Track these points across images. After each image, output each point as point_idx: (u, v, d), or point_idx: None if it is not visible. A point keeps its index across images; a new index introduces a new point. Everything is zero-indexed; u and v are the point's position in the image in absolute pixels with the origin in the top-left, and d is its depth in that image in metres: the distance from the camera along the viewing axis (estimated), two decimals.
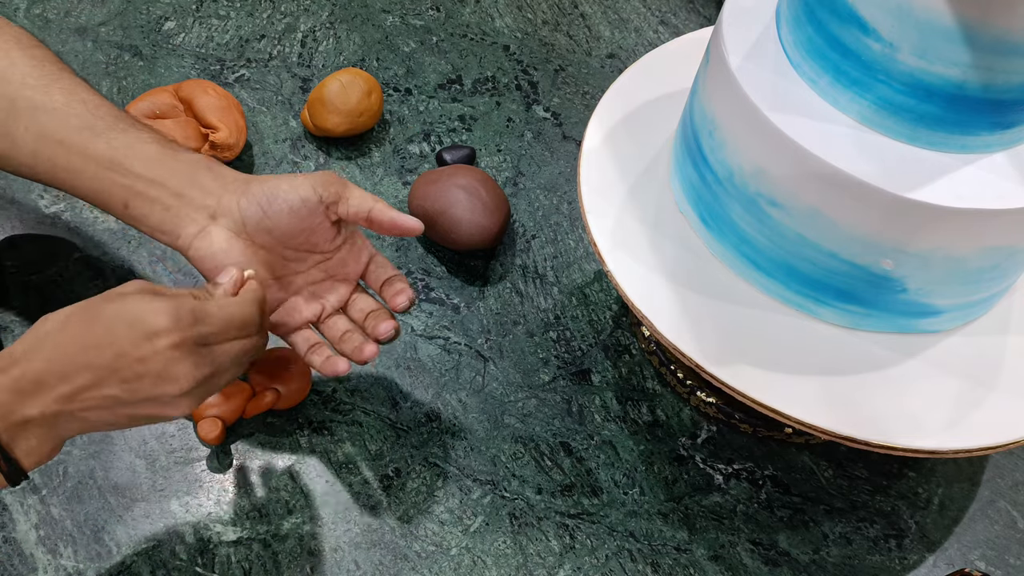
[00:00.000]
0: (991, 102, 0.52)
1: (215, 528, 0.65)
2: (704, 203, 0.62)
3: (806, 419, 0.56)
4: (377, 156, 0.89)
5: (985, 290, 0.60)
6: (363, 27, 1.01)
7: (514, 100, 0.95)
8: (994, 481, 0.73)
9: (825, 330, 0.61)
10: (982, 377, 0.60)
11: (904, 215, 0.52)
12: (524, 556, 0.66)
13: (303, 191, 0.61)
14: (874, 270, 0.56)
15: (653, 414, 0.74)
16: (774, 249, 0.59)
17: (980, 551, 0.69)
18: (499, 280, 0.81)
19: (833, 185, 0.53)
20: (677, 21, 1.06)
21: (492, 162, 0.90)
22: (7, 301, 0.75)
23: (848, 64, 0.53)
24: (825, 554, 0.68)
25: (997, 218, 0.52)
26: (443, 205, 0.78)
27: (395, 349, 0.76)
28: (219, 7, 1.01)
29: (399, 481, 0.69)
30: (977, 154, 0.54)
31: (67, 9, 0.98)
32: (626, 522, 0.68)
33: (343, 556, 0.65)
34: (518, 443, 0.72)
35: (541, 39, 1.02)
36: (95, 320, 0.51)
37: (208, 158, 0.63)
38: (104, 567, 0.63)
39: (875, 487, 0.72)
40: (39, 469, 0.66)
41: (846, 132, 0.54)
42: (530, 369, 0.76)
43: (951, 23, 0.49)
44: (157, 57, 0.95)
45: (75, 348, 0.51)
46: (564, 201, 0.87)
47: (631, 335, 0.79)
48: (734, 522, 0.69)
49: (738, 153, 0.58)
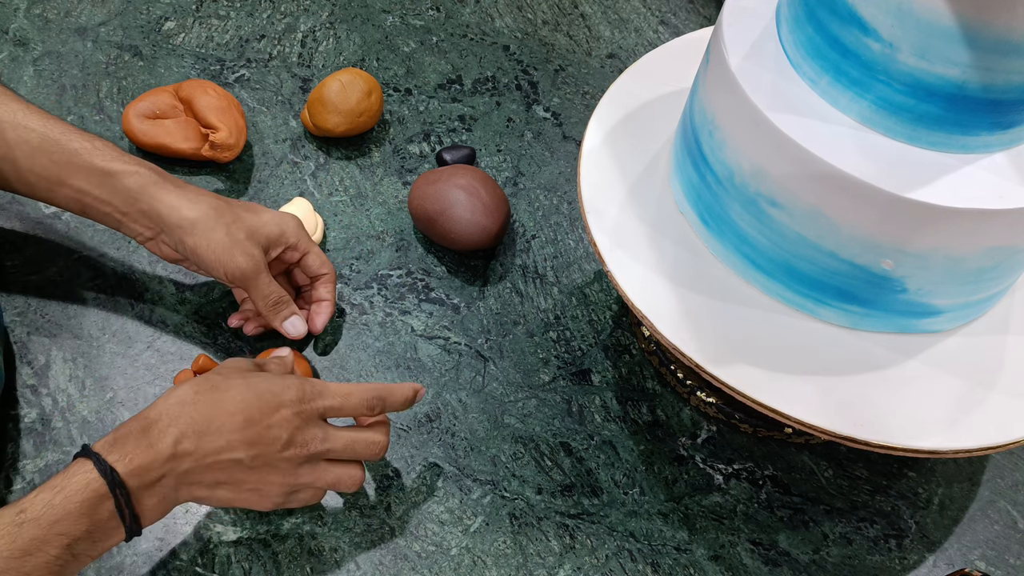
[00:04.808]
0: (991, 102, 0.51)
1: (215, 528, 0.65)
2: (704, 203, 0.62)
3: (806, 419, 0.56)
4: (377, 156, 0.89)
5: (985, 290, 0.60)
6: (363, 27, 1.01)
7: (514, 100, 0.95)
8: (994, 481, 0.73)
9: (825, 330, 0.61)
10: (982, 377, 0.60)
11: (904, 215, 0.52)
12: (524, 556, 0.66)
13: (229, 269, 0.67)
14: (874, 270, 0.56)
15: (653, 414, 0.74)
16: (774, 249, 0.59)
17: (980, 551, 0.69)
18: (499, 280, 0.81)
19: (833, 185, 0.53)
20: (677, 21, 1.06)
21: (492, 162, 0.90)
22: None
23: (848, 64, 0.53)
24: (825, 554, 0.68)
25: (997, 218, 0.52)
26: (443, 205, 0.78)
27: (395, 349, 0.76)
28: (219, 7, 1.01)
29: (399, 481, 0.69)
30: (977, 154, 0.54)
31: (67, 9, 0.98)
32: (626, 522, 0.68)
33: (343, 556, 0.65)
34: (518, 443, 0.72)
35: (541, 39, 1.02)
36: (227, 390, 0.56)
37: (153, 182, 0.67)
38: (104, 567, 0.63)
39: (875, 487, 0.72)
40: (40, 471, 0.67)
41: (846, 132, 0.54)
42: (530, 369, 0.76)
43: (951, 23, 0.49)
44: (157, 57, 0.95)
45: (210, 415, 0.55)
46: (564, 201, 0.87)
47: (631, 335, 0.79)
48: (734, 522, 0.69)
49: (738, 153, 0.58)
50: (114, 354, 0.73)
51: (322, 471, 0.59)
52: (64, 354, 0.73)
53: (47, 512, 0.50)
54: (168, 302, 0.77)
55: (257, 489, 0.57)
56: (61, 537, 0.50)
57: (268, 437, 0.56)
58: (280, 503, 0.59)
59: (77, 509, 0.51)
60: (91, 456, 0.52)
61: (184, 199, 0.67)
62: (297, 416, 0.57)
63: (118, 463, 0.52)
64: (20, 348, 0.73)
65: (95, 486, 0.51)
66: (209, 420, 0.55)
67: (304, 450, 0.57)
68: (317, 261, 0.73)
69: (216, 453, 0.55)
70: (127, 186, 0.66)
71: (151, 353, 0.74)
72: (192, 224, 0.66)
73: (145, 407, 0.56)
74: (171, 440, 0.53)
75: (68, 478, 0.52)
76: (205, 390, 0.56)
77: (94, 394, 0.71)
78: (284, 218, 0.71)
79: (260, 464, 0.56)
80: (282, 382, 0.58)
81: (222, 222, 0.67)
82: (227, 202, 0.69)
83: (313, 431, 0.58)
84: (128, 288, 0.77)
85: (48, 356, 0.73)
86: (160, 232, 0.68)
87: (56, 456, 0.67)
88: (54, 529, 0.50)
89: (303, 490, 0.59)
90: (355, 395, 0.60)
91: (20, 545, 0.49)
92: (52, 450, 0.68)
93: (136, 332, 0.75)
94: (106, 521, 0.52)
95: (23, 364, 0.72)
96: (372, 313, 0.78)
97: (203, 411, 0.55)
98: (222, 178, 0.86)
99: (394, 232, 0.83)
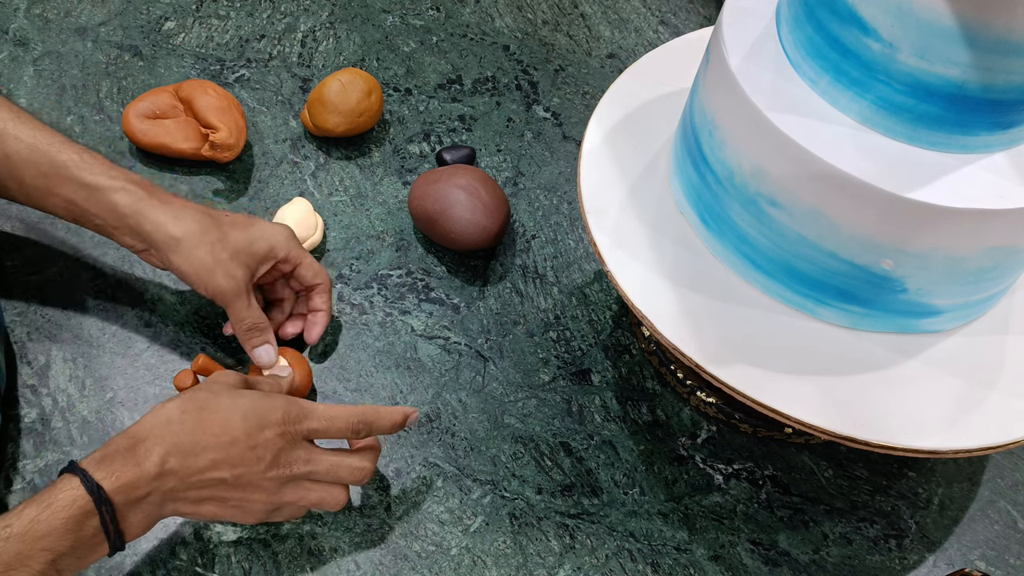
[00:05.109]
0: (991, 102, 0.51)
1: (215, 528, 0.65)
2: (704, 203, 0.62)
3: (806, 419, 0.56)
4: (377, 156, 0.89)
5: (985, 290, 0.60)
6: (363, 27, 1.01)
7: (514, 100, 0.95)
8: (994, 481, 0.73)
9: (825, 330, 0.61)
10: (982, 377, 0.60)
11: (904, 215, 0.52)
12: (524, 556, 0.66)
13: (209, 289, 0.67)
14: (874, 270, 0.56)
15: (653, 414, 0.74)
16: (774, 249, 0.59)
17: (980, 551, 0.69)
18: (499, 280, 0.81)
19: (833, 185, 0.53)
20: (677, 21, 1.06)
21: (492, 162, 0.90)
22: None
23: (848, 64, 0.53)
24: (825, 554, 0.68)
25: (997, 218, 0.52)
26: (443, 205, 0.78)
27: (395, 349, 0.76)
28: (219, 7, 1.01)
29: (399, 481, 0.69)
30: (977, 154, 0.54)
31: (67, 9, 0.98)
32: (626, 522, 0.68)
33: (343, 556, 0.65)
34: (518, 443, 0.72)
35: (541, 39, 1.02)
36: (214, 410, 0.56)
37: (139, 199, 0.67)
38: (104, 567, 0.63)
39: (875, 487, 0.72)
40: (39, 472, 0.67)
41: (846, 132, 0.54)
42: (530, 369, 0.76)
43: (951, 23, 0.49)
44: (157, 57, 0.95)
45: (196, 434, 0.55)
46: (564, 201, 0.87)
47: (631, 335, 0.79)
48: (734, 522, 0.69)
49: (738, 153, 0.58)
50: (114, 354, 0.73)
51: (305, 491, 0.59)
52: (64, 354, 0.73)
53: (32, 528, 0.51)
54: (168, 302, 0.77)
55: (240, 506, 0.57)
56: (45, 553, 0.51)
57: (252, 457, 0.56)
58: (264, 519, 0.59)
59: (63, 525, 0.51)
60: (78, 473, 0.53)
61: (169, 216, 0.66)
62: (281, 437, 0.57)
63: (105, 480, 0.52)
64: (20, 348, 0.73)
65: (81, 503, 0.52)
66: (195, 440, 0.55)
67: (287, 471, 0.57)
68: (310, 272, 0.72)
69: (200, 472, 0.55)
70: (114, 202, 0.66)
71: (151, 353, 0.74)
72: (176, 242, 0.66)
73: (144, 410, 0.56)
74: (157, 459, 0.54)
75: (55, 494, 0.52)
76: (192, 409, 0.56)
77: (94, 394, 0.71)
78: (274, 231, 0.70)
79: (244, 483, 0.56)
80: (269, 403, 0.58)
81: (207, 240, 0.66)
82: (215, 218, 0.68)
83: (297, 453, 0.58)
84: (128, 288, 0.77)
85: (48, 356, 0.73)
86: (149, 247, 0.68)
87: (56, 456, 0.67)
88: (38, 545, 0.51)
89: (286, 507, 0.59)
90: (341, 418, 0.60)
91: (4, 560, 0.50)
92: (52, 450, 0.68)
93: (136, 332, 0.75)
94: (91, 537, 0.53)
95: (23, 364, 0.72)
96: (372, 313, 0.78)
97: (189, 430, 0.55)
98: (222, 178, 0.86)
99: (394, 232, 0.83)
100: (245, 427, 0.56)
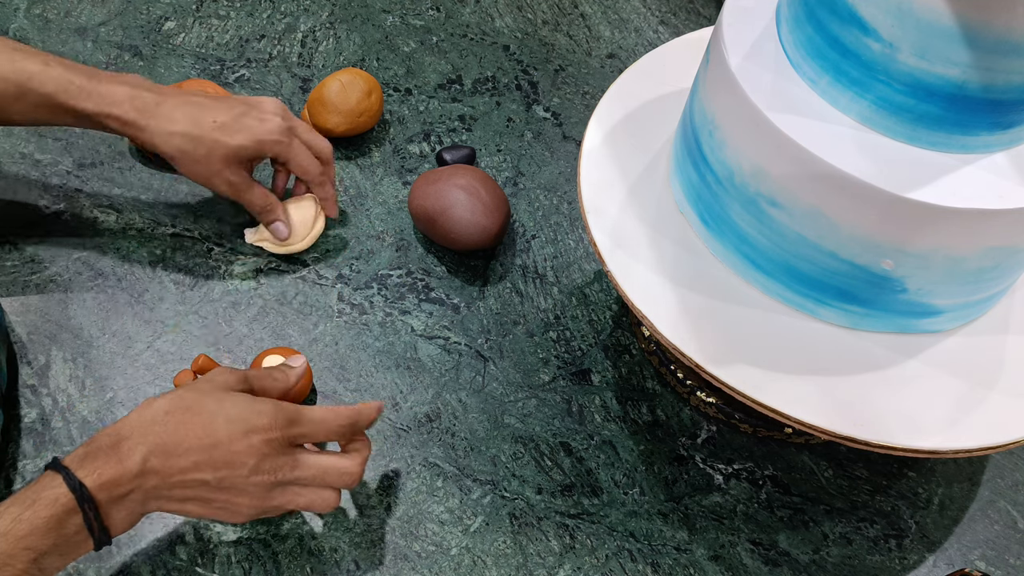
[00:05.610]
0: (991, 102, 0.51)
1: (215, 528, 0.65)
2: (704, 203, 0.62)
3: (806, 419, 0.56)
4: (377, 156, 0.89)
5: (985, 290, 0.60)
6: (363, 27, 1.01)
7: (514, 100, 0.95)
8: (994, 481, 0.73)
9: (825, 330, 0.61)
10: (982, 377, 0.60)
11: (904, 215, 0.52)
12: (524, 556, 0.66)
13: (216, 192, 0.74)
14: (874, 270, 0.56)
15: (653, 414, 0.74)
16: (774, 249, 0.59)
17: (980, 551, 0.69)
18: (499, 280, 0.81)
19: (833, 185, 0.53)
20: (677, 21, 1.06)
21: (492, 162, 0.90)
22: None
23: (848, 64, 0.53)
24: (825, 554, 0.68)
25: (997, 218, 0.52)
26: (443, 205, 0.78)
27: (395, 349, 0.76)
28: (219, 7, 1.01)
29: (399, 481, 0.69)
30: (977, 154, 0.54)
31: (67, 9, 0.98)
32: (626, 522, 0.68)
33: (343, 556, 0.65)
34: (518, 443, 0.72)
35: (541, 39, 1.02)
36: (198, 413, 0.56)
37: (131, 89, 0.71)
38: (104, 567, 0.63)
39: (875, 487, 0.72)
40: (39, 472, 0.67)
41: (846, 132, 0.54)
42: (530, 369, 0.76)
43: (951, 23, 0.49)
44: (157, 57, 0.95)
45: (180, 435, 0.55)
46: (564, 201, 0.87)
47: (631, 335, 0.79)
48: (734, 522, 0.69)
49: (738, 153, 0.58)
50: (114, 354, 0.73)
51: (293, 495, 0.59)
52: (64, 354, 0.73)
53: (15, 527, 0.50)
54: (168, 302, 0.77)
55: (226, 507, 0.57)
56: (28, 551, 0.51)
57: (235, 462, 0.56)
58: (253, 519, 0.59)
59: (44, 524, 0.51)
60: (61, 471, 0.52)
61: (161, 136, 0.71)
62: (266, 444, 0.57)
63: (87, 478, 0.52)
64: (20, 348, 0.73)
65: (64, 500, 0.52)
66: (177, 441, 0.55)
67: (272, 477, 0.57)
68: (299, 168, 0.77)
69: (182, 472, 0.55)
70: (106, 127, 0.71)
71: (151, 353, 0.74)
72: (171, 159, 0.72)
73: None
74: (139, 457, 0.54)
75: (37, 492, 0.52)
76: (177, 410, 0.56)
77: (94, 394, 0.71)
78: (262, 129, 0.73)
79: (227, 486, 0.56)
80: (256, 407, 0.57)
81: (198, 155, 0.71)
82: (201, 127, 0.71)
83: (282, 459, 0.58)
84: (128, 288, 0.77)
85: (48, 356, 0.73)
86: None
87: (56, 456, 0.67)
88: (21, 544, 0.50)
89: (275, 510, 0.59)
90: (329, 422, 0.60)
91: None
92: (52, 450, 0.68)
93: (136, 332, 0.75)
94: (73, 535, 0.52)
95: (23, 364, 0.72)
96: (372, 313, 0.78)
97: (172, 431, 0.55)
98: None
99: (394, 232, 0.83)
100: (228, 431, 0.56)
